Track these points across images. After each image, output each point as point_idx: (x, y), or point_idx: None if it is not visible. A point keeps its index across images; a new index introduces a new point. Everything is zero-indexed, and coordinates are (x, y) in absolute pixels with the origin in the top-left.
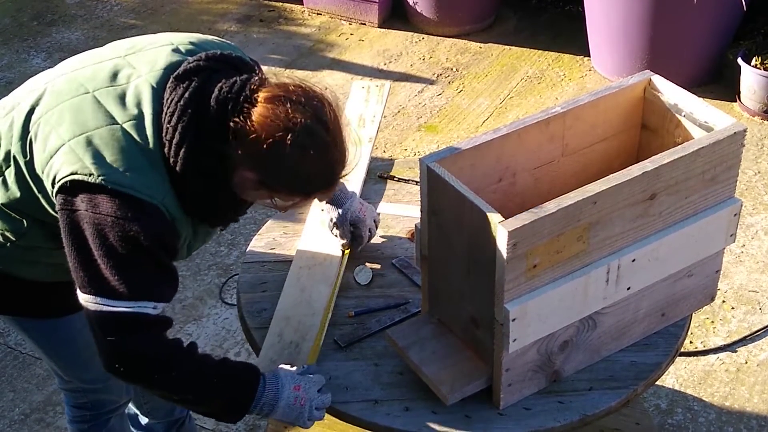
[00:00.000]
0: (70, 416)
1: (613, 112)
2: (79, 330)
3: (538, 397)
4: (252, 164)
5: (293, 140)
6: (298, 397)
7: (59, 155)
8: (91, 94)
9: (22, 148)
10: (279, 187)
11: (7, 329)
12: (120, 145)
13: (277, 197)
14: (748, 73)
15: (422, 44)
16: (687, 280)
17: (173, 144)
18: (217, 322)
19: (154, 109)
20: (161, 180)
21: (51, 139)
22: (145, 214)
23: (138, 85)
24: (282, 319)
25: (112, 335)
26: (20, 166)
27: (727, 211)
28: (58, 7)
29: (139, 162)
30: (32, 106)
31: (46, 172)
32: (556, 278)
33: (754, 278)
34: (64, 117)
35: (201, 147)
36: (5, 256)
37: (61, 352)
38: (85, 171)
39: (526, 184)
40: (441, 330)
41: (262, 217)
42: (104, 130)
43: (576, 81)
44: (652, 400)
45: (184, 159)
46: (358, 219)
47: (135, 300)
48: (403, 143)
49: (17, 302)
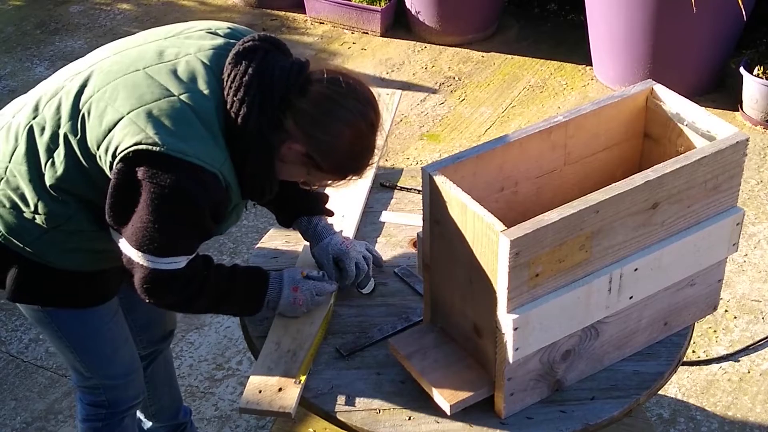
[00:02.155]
0: (84, 414)
1: (615, 121)
2: (107, 323)
3: (541, 406)
4: (304, 138)
5: (345, 118)
6: (296, 297)
7: (119, 128)
8: (143, 71)
9: (73, 126)
10: (322, 162)
11: (9, 337)
12: (180, 116)
13: (314, 173)
14: (751, 83)
15: (424, 53)
16: (689, 289)
17: (240, 116)
18: (219, 331)
19: (210, 83)
20: (219, 149)
21: (108, 114)
22: (204, 181)
23: (189, 61)
24: (280, 327)
25: (148, 283)
26: (71, 144)
27: (730, 221)
28: (62, 15)
29: (199, 131)
30: (81, 86)
31: (104, 146)
32: (559, 287)
33: (757, 287)
34: (119, 93)
35: (263, 123)
36: (45, 242)
37: (88, 345)
38: (149, 141)
39: (529, 193)
40: (443, 339)
41: (264, 226)
42: (163, 102)
43: (578, 90)
44: (655, 410)
45: (252, 130)
46: (341, 252)
47: (175, 256)
48: (405, 152)
49: (49, 292)
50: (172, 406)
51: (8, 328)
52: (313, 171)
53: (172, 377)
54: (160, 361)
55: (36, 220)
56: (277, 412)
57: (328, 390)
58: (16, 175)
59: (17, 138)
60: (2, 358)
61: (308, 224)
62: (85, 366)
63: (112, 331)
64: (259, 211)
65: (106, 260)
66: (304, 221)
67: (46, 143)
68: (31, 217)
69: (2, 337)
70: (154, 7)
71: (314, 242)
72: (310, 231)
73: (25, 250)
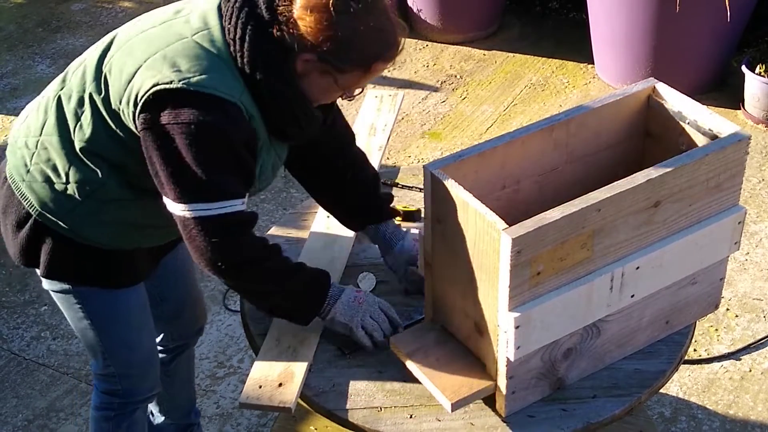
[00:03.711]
0: (97, 402)
1: (617, 120)
2: (134, 309)
3: (542, 404)
4: (306, 43)
5: (334, 5)
6: (358, 297)
7: (138, 76)
8: (159, 26)
9: (97, 86)
10: (339, 62)
11: (11, 335)
12: (194, 53)
13: (341, 77)
14: (753, 81)
15: (426, 51)
16: (691, 287)
17: (236, 39)
18: (221, 329)
19: (219, 21)
20: (236, 80)
21: (126, 67)
22: (227, 112)
23: (201, 9)
24: (281, 323)
25: (215, 236)
26: (96, 104)
27: (731, 219)
28: (63, 14)
29: (214, 64)
30: (103, 51)
31: (126, 97)
32: (560, 285)
33: (759, 286)
34: (136, 47)
35: (261, 38)
36: (80, 215)
37: (112, 329)
38: (166, 80)
39: (530, 192)
40: (445, 337)
41: (266, 224)
42: (178, 44)
43: (580, 88)
44: (656, 408)
45: (249, 52)
46: (414, 258)
47: (228, 199)
48: (407, 150)
49: (82, 269)
50: (186, 405)
51: (10, 326)
52: (338, 76)
53: (192, 376)
54: (184, 358)
55: (68, 190)
56: (277, 407)
57: (329, 388)
58: (47, 147)
59: (47, 110)
60: (4, 356)
61: (376, 232)
62: (106, 350)
63: (138, 318)
64: (261, 210)
65: (141, 235)
66: (372, 230)
67: (74, 108)
68: (63, 189)
69: (4, 334)
70: (156, 5)
71: (386, 251)
72: (379, 239)
73: (60, 225)
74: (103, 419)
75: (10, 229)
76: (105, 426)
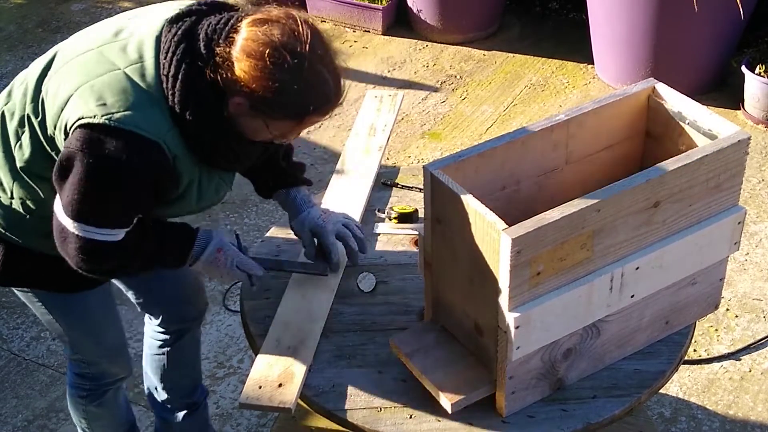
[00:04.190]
0: (71, 381)
1: (616, 120)
2: (92, 307)
3: (542, 404)
4: (239, 88)
5: (272, 57)
6: (217, 257)
7: (68, 106)
8: (96, 50)
9: (35, 108)
10: (270, 111)
11: (10, 335)
12: (121, 86)
13: (272, 124)
14: (753, 81)
15: (426, 51)
16: (691, 288)
17: (170, 76)
18: (221, 329)
19: (155, 53)
20: (163, 118)
21: (60, 93)
22: (143, 150)
23: (140, 36)
24: (281, 324)
25: (83, 254)
26: (34, 126)
27: (731, 219)
28: (63, 14)
29: (140, 101)
30: (43, 69)
31: (59, 126)
32: (560, 286)
33: (758, 286)
34: (71, 71)
35: (195, 77)
36: (24, 227)
37: (73, 325)
38: (90, 114)
39: (530, 192)
40: (444, 337)
41: (266, 224)
42: (107, 76)
43: (580, 88)
44: (656, 409)
45: (180, 90)
46: (318, 226)
47: (109, 228)
48: (406, 150)
49: (34, 276)
50: (189, 386)
51: (9, 326)
52: (269, 121)
53: (196, 361)
54: (188, 340)
55: (13, 205)
56: (277, 407)
57: (329, 388)
58: None
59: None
60: (4, 356)
61: (286, 196)
62: (71, 342)
63: (98, 314)
64: (260, 210)
65: None
66: (282, 193)
67: (15, 128)
68: (8, 203)
69: (4, 335)
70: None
71: (292, 215)
72: (288, 203)
73: (8, 236)
74: (77, 396)
75: None
76: (79, 401)
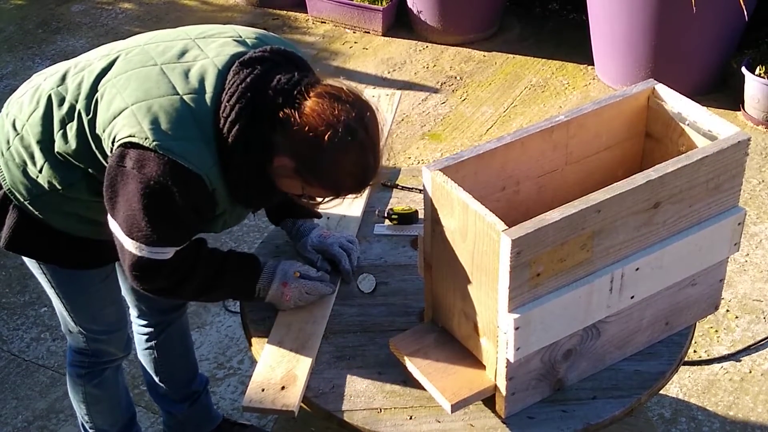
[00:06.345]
0: (70, 359)
1: (616, 121)
2: (96, 284)
3: (542, 405)
4: (292, 152)
5: (333, 135)
6: (284, 293)
7: (121, 118)
8: (159, 66)
9: (87, 106)
10: (312, 179)
11: (10, 336)
12: (177, 115)
13: (309, 190)
14: (752, 82)
15: (426, 52)
16: (691, 289)
17: (228, 120)
18: (221, 330)
19: (216, 88)
20: (210, 153)
21: (115, 101)
22: (187, 181)
23: (204, 65)
24: (283, 326)
25: (136, 270)
26: (83, 122)
27: (731, 220)
28: (63, 15)
29: (191, 132)
30: (104, 69)
31: (108, 132)
32: (560, 287)
33: (758, 287)
34: (131, 83)
35: (252, 129)
36: (45, 202)
37: (75, 300)
38: (142, 135)
39: (530, 193)
40: (444, 338)
41: (266, 225)
42: (165, 99)
43: (580, 89)
44: (656, 410)
45: (235, 136)
46: (320, 242)
47: (159, 246)
48: (406, 151)
49: (42, 247)
50: (184, 377)
51: (9, 327)
52: (307, 187)
53: (188, 350)
54: (173, 332)
55: (39, 179)
56: (280, 410)
57: (329, 389)
58: (30, 134)
59: (39, 101)
60: (4, 357)
61: (293, 225)
62: (72, 317)
63: (101, 291)
64: (261, 213)
65: (100, 232)
66: (290, 222)
67: (62, 116)
68: (35, 176)
69: (4, 336)
70: (156, 6)
71: (296, 240)
72: (293, 231)
73: (25, 205)
74: (75, 374)
75: None
76: (77, 380)
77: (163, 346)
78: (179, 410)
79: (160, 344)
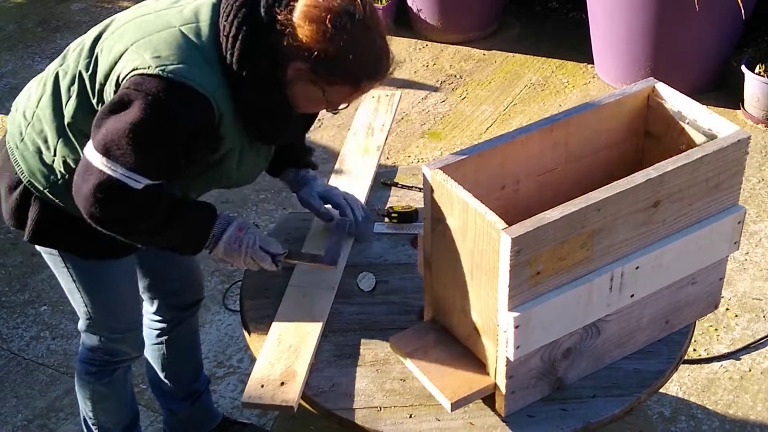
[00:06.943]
0: (82, 356)
1: (616, 120)
2: (118, 279)
3: (542, 404)
4: (300, 53)
5: (332, 20)
6: (239, 237)
7: (123, 59)
8: (154, 13)
9: (87, 64)
10: (327, 73)
11: (10, 335)
12: (177, 43)
13: (329, 89)
14: (752, 81)
15: (426, 51)
16: (690, 287)
17: (230, 37)
18: (220, 329)
19: (212, 17)
20: (214, 75)
21: (115, 48)
22: (191, 102)
23: (197, 4)
24: (282, 323)
25: (101, 192)
26: (84, 81)
27: (731, 219)
28: (63, 13)
29: (193, 57)
30: (100, 32)
31: (111, 78)
32: (560, 285)
33: (758, 286)
34: (128, 30)
35: (255, 39)
36: (62, 188)
37: (95, 294)
38: (144, 65)
39: (530, 191)
40: (444, 337)
41: (266, 223)
42: (163, 32)
43: (580, 88)
44: (656, 408)
45: (239, 49)
46: (326, 190)
47: (135, 172)
48: (406, 150)
49: (65, 238)
50: (190, 374)
51: (9, 325)
52: (327, 88)
53: (196, 349)
54: (183, 330)
55: (54, 163)
56: (280, 405)
57: (329, 388)
58: (41, 119)
59: (45, 84)
60: (3, 356)
61: (296, 174)
62: (90, 313)
63: (121, 287)
64: (260, 210)
65: None
66: (292, 172)
67: (67, 85)
68: (50, 161)
69: (3, 334)
70: None
71: (300, 187)
72: (297, 179)
73: (46, 194)
74: (85, 372)
75: (4, 192)
76: (87, 378)
77: (173, 342)
78: (181, 408)
79: (171, 340)
